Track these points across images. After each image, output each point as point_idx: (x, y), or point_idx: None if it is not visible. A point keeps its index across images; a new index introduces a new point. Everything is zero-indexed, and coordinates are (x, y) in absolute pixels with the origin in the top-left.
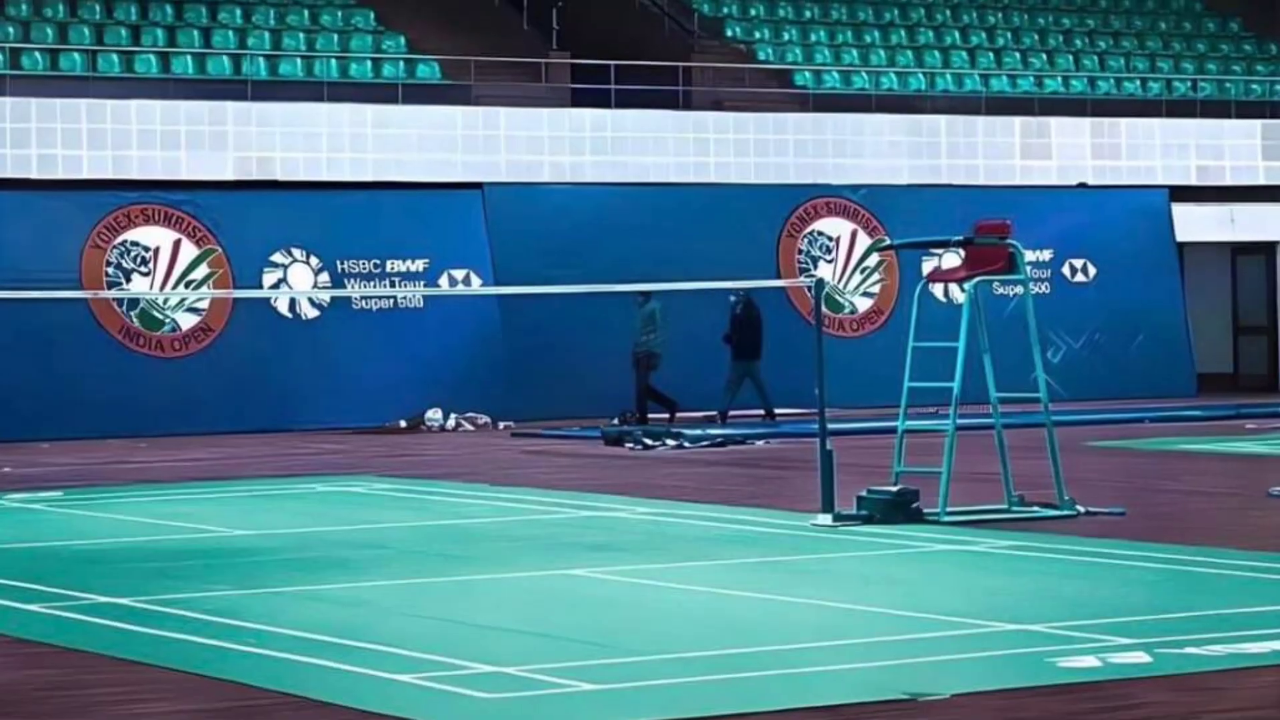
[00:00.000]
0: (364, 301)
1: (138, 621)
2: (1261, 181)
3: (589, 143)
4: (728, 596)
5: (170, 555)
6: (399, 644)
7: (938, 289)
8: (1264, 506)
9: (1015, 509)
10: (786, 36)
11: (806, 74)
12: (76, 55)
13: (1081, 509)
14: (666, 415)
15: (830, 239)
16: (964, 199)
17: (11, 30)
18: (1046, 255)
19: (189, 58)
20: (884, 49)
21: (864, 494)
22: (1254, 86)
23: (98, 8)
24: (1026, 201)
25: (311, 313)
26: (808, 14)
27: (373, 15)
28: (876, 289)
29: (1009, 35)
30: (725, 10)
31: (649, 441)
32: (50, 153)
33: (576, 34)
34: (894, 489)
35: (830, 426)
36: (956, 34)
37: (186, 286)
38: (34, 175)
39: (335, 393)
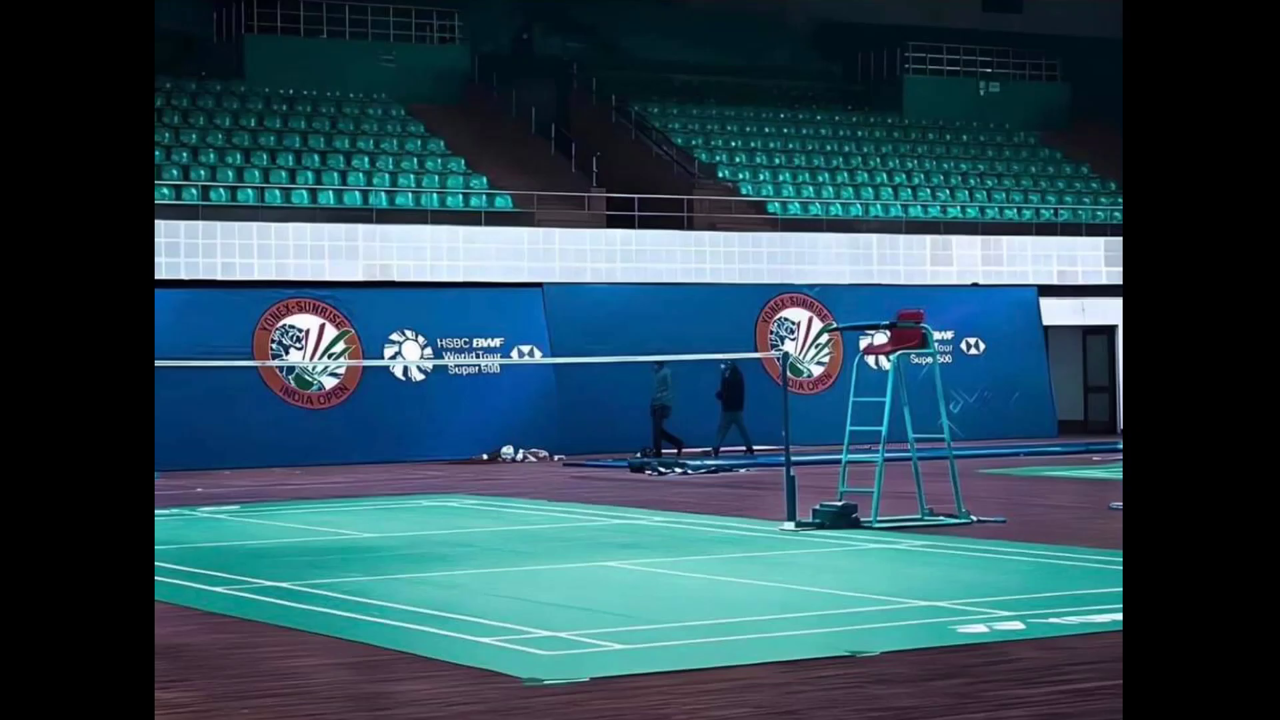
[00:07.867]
0: (457, 368)
1: (293, 599)
2: (1105, 282)
3: (619, 254)
4: (718, 581)
5: (317, 551)
6: (482, 615)
7: (871, 359)
8: (1106, 517)
9: (927, 518)
10: (762, 177)
11: (776, 204)
12: (249, 190)
13: (974, 518)
14: (675, 451)
15: (793, 323)
16: (889, 294)
17: (202, 172)
18: (949, 335)
19: (330, 192)
20: (832, 186)
21: (818, 507)
22: (1099, 213)
23: (265, 156)
24: (935, 296)
25: (419, 377)
26: (777, 160)
27: (463, 161)
28: (826, 359)
29: (922, 175)
30: (718, 158)
31: (662, 470)
32: (230, 261)
33: (610, 175)
34: (839, 504)
35: (793, 458)
36: (884, 175)
37: (329, 358)
38: (219, 277)
39: (436, 434)
